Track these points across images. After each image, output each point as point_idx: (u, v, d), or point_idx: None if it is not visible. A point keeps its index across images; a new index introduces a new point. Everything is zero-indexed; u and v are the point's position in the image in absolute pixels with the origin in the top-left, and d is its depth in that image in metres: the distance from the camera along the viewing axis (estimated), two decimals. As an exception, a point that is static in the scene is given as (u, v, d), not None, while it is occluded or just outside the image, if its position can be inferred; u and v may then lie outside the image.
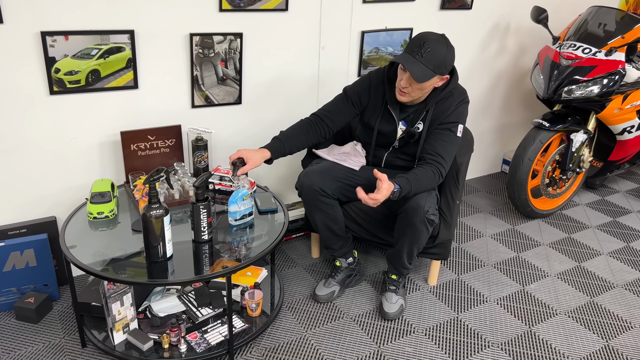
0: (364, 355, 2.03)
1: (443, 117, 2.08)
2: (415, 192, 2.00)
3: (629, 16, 2.81)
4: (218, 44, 2.30)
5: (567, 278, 2.58)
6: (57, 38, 1.97)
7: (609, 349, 2.12)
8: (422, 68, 1.91)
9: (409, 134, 2.13)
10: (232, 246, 1.92)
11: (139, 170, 2.27)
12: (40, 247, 2.12)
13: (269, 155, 2.07)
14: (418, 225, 2.03)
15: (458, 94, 2.10)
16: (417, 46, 1.93)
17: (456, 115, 2.08)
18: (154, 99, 2.28)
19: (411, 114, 2.12)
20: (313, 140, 2.19)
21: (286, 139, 2.13)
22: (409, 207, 2.02)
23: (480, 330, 2.20)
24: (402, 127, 2.15)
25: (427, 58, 1.91)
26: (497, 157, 3.77)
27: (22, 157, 2.10)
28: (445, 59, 1.93)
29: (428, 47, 1.91)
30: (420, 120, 2.10)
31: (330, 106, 2.21)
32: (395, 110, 2.13)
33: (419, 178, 1.99)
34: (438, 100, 2.07)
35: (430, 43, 1.91)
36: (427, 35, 1.94)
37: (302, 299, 2.34)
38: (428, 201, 2.01)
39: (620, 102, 2.88)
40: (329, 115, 2.19)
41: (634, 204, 3.39)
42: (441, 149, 2.05)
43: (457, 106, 2.09)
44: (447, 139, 2.07)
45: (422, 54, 1.91)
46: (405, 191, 1.95)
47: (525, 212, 3.08)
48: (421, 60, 1.91)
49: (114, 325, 1.87)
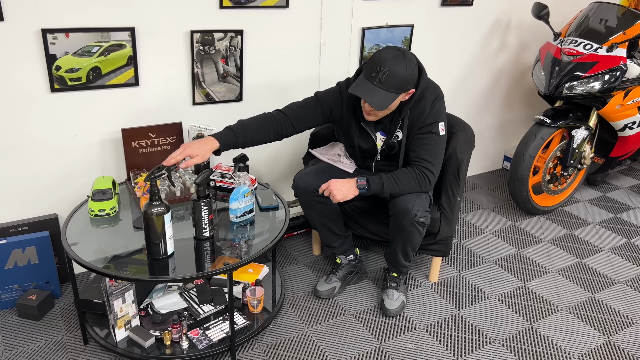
0: (365, 351, 2.04)
1: (421, 121, 2.01)
2: (394, 192, 1.98)
3: (631, 12, 2.81)
4: (219, 41, 2.30)
5: (568, 274, 2.59)
6: (58, 35, 1.97)
7: (610, 344, 2.13)
8: (382, 95, 1.84)
9: (389, 145, 2.09)
10: (233, 243, 1.92)
11: (140, 167, 2.27)
12: (42, 245, 2.12)
13: (217, 146, 1.90)
14: (408, 228, 2.03)
15: (430, 93, 2.01)
16: (374, 70, 1.84)
17: (433, 115, 2.01)
18: (155, 96, 2.28)
19: (387, 123, 2.07)
20: (272, 138, 2.03)
21: (241, 131, 1.96)
22: (397, 211, 2.00)
23: (481, 327, 2.20)
24: (381, 138, 2.10)
25: (387, 83, 1.82)
26: (498, 153, 3.76)
27: (24, 155, 2.11)
28: (406, 78, 1.84)
29: (385, 71, 1.81)
30: (398, 128, 2.06)
31: (300, 108, 2.07)
32: (370, 126, 2.08)
33: (397, 178, 1.97)
34: (411, 105, 2.00)
35: (387, 65, 1.81)
36: (384, 57, 1.83)
37: (304, 295, 2.34)
38: (417, 204, 1.99)
39: (622, 98, 2.88)
40: (296, 117, 2.05)
41: (635, 201, 3.38)
42: (425, 153, 2.01)
43: (432, 106, 2.01)
44: (430, 142, 2.02)
45: (380, 79, 1.82)
46: (375, 187, 1.95)
47: (527, 209, 3.08)
48: (380, 86, 1.83)
49: (116, 322, 1.88)
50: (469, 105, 3.36)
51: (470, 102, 3.36)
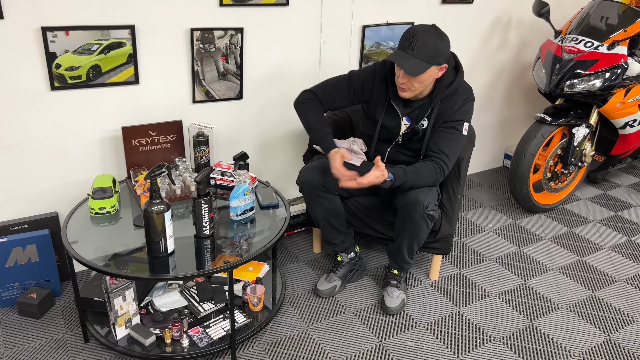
0: (366, 349, 2.04)
1: (448, 115, 2.06)
2: (412, 185, 2.00)
3: (631, 9, 2.80)
4: (219, 39, 2.30)
5: (569, 272, 2.58)
6: (58, 33, 1.97)
7: (611, 342, 2.13)
8: (414, 61, 1.90)
9: (413, 131, 2.12)
10: (233, 241, 1.92)
11: (140, 165, 2.27)
12: (42, 243, 2.12)
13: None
14: (418, 221, 2.03)
15: (464, 91, 2.08)
16: (407, 40, 1.92)
17: (461, 113, 2.06)
18: (155, 94, 2.28)
19: (416, 109, 2.11)
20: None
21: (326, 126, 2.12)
22: (408, 203, 2.01)
23: (482, 325, 2.20)
24: (406, 123, 2.14)
25: (419, 50, 1.90)
26: (498, 151, 3.76)
27: (24, 153, 2.10)
28: (438, 49, 1.91)
29: (418, 40, 1.90)
30: (425, 117, 2.09)
31: (331, 87, 2.16)
32: (399, 105, 2.12)
33: (418, 171, 2.00)
34: (443, 97, 2.05)
35: (419, 35, 1.90)
36: (417, 28, 1.93)
37: (304, 293, 2.35)
38: (428, 197, 2.01)
39: (623, 96, 2.87)
40: (325, 97, 2.15)
41: (636, 198, 3.38)
42: (445, 147, 2.04)
43: (463, 104, 2.06)
44: (452, 137, 2.05)
45: (412, 47, 1.90)
46: (399, 182, 1.97)
47: (527, 207, 3.08)
48: (412, 54, 1.91)
49: (117, 320, 1.88)
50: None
51: (471, 100, 3.36)
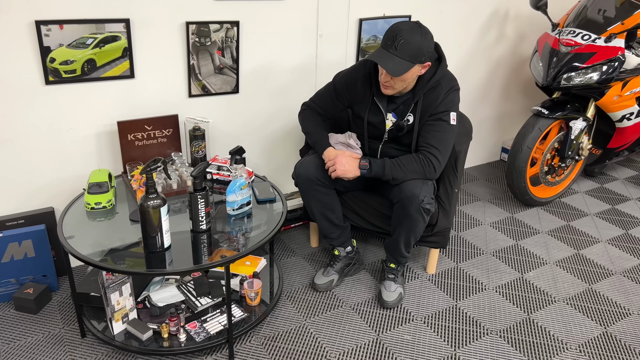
0: (363, 343, 2.04)
1: (433, 108, 2.04)
2: (397, 176, 2.01)
3: (629, 2, 2.79)
4: (214, 33, 2.28)
5: (566, 265, 2.59)
6: (52, 27, 1.95)
7: (607, 335, 2.13)
8: (397, 61, 1.88)
9: (398, 126, 2.10)
10: (230, 236, 1.91)
11: (136, 160, 2.26)
12: (38, 238, 2.12)
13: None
14: (414, 215, 2.03)
15: (446, 82, 2.05)
16: (390, 39, 1.89)
17: (446, 104, 2.04)
18: (151, 88, 2.26)
19: (400, 105, 2.09)
20: None
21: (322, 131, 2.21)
22: (404, 197, 2.01)
23: (478, 318, 2.20)
24: (392, 119, 2.12)
25: (402, 50, 1.87)
26: (496, 145, 3.76)
27: (19, 148, 2.09)
28: (421, 48, 1.88)
29: (401, 39, 1.86)
30: (410, 112, 2.08)
31: (321, 100, 2.24)
32: (382, 102, 2.10)
33: (401, 163, 2.00)
34: (426, 90, 2.03)
35: (402, 34, 1.87)
36: (400, 27, 1.89)
37: (301, 288, 2.35)
38: (423, 190, 2.01)
39: (620, 89, 2.87)
40: (320, 110, 2.25)
41: (633, 192, 3.39)
42: (433, 139, 2.03)
43: (446, 95, 2.04)
44: (440, 129, 2.04)
45: (396, 47, 1.87)
46: (376, 168, 2.00)
47: (524, 200, 3.08)
48: (395, 54, 1.88)
49: (113, 315, 1.88)
50: (466, 96, 3.35)
51: (468, 94, 3.35)
